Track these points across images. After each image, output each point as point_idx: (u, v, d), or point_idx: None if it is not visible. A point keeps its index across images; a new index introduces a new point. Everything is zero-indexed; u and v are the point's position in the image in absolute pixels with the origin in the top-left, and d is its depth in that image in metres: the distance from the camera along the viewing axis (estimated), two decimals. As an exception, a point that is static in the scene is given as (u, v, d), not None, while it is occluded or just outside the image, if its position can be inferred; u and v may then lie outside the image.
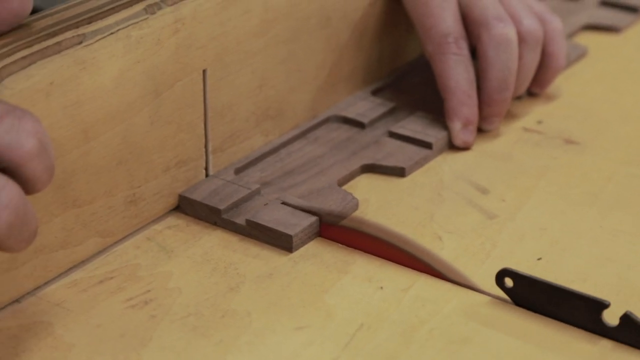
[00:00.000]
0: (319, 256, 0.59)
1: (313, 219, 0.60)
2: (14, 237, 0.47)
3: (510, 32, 0.69)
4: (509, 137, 0.71)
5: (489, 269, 0.57)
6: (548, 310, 0.54)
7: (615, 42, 0.82)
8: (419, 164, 0.67)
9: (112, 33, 0.55)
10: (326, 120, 0.71)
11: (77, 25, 0.54)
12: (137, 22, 0.56)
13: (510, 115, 0.72)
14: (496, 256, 0.59)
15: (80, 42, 0.54)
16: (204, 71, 0.61)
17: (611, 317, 0.53)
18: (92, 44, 0.54)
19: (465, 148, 0.69)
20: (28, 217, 0.47)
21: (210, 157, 0.64)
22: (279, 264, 0.58)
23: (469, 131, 0.69)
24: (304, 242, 0.60)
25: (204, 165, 0.63)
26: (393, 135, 0.70)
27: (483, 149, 0.69)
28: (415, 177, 0.66)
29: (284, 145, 0.68)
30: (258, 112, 0.66)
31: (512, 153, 0.69)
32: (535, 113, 0.73)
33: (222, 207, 0.61)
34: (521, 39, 0.70)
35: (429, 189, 0.65)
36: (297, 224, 0.60)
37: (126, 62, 0.56)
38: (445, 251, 0.59)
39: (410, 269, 0.58)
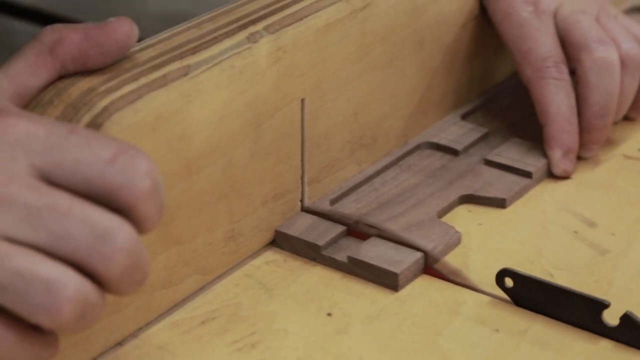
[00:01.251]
0: (426, 295, 0.57)
1: (418, 255, 0.58)
2: (127, 280, 0.44)
3: (613, 56, 0.67)
4: (610, 164, 0.68)
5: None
6: (548, 310, 0.54)
7: None
8: (519, 194, 0.65)
9: (216, 64, 0.53)
10: (418, 147, 0.68)
11: (181, 56, 0.52)
12: (240, 52, 0.54)
13: (609, 142, 0.69)
14: (613, 295, 0.56)
15: (186, 74, 0.51)
16: (302, 100, 0.59)
17: (611, 317, 0.52)
18: (197, 75, 0.52)
19: (565, 177, 0.67)
20: (141, 259, 0.45)
21: (306, 188, 0.61)
22: (386, 304, 0.55)
23: (569, 159, 0.67)
24: (409, 280, 0.57)
25: (299, 197, 0.61)
26: (490, 163, 0.67)
27: (584, 177, 0.67)
28: (516, 209, 0.63)
29: (377, 174, 0.65)
30: (353, 141, 0.64)
31: (615, 182, 0.66)
32: (635, 139, 0.70)
33: (321, 243, 0.58)
34: (621, 62, 0.68)
35: (533, 221, 0.62)
36: (402, 260, 0.57)
37: (230, 93, 0.54)
38: (557, 289, 0.57)
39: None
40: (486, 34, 0.73)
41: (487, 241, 0.61)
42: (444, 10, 0.68)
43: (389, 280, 0.57)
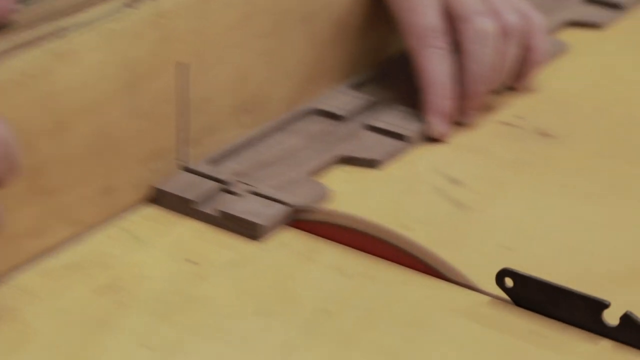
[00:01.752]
0: (289, 245, 0.60)
1: (282, 208, 0.61)
2: None
3: (490, 27, 0.70)
4: (487, 130, 0.71)
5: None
6: (548, 310, 0.55)
7: (597, 39, 0.83)
8: (394, 156, 0.68)
9: (91, 26, 0.56)
10: (304, 114, 0.72)
11: (56, 18, 0.55)
12: (117, 16, 0.58)
13: (489, 110, 0.73)
14: (464, 245, 0.60)
15: (59, 35, 0.55)
16: (183, 65, 0.63)
17: (611, 317, 0.53)
18: (71, 36, 0.56)
19: (441, 140, 0.70)
20: None
21: (187, 149, 0.65)
22: (249, 253, 0.59)
23: (445, 124, 0.71)
24: (273, 231, 0.61)
25: (180, 157, 0.65)
26: (370, 128, 0.71)
27: (460, 142, 0.70)
28: (390, 170, 0.67)
29: (261, 137, 0.69)
30: (236, 106, 0.68)
31: (489, 147, 0.70)
32: (514, 107, 0.74)
33: (195, 198, 0.62)
34: (502, 33, 0.72)
35: (403, 181, 0.66)
36: (265, 213, 0.61)
37: (105, 55, 0.58)
38: (416, 240, 0.60)
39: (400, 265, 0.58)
40: (379, 9, 0.76)
41: (356, 198, 0.65)
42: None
43: (252, 231, 0.60)
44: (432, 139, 0.70)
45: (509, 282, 0.56)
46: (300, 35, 0.70)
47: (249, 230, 0.60)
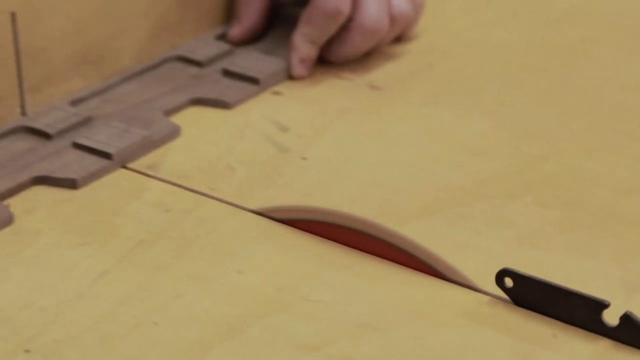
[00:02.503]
0: (117, 185, 0.64)
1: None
2: None
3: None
4: (321, 83, 0.76)
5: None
6: (548, 310, 0.55)
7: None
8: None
9: None
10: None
11: None
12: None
13: (328, 65, 0.77)
14: (281, 184, 0.64)
15: None
16: (13, 13, 0.66)
17: (611, 317, 0.54)
18: None
19: (298, 78, 0.75)
20: None
21: (26, 96, 0.68)
22: (79, 192, 0.63)
23: (307, 67, 0.75)
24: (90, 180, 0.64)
25: (19, 103, 0.68)
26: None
27: (293, 93, 0.75)
28: (225, 116, 0.71)
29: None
30: (76, 56, 0.71)
31: (319, 97, 0.74)
32: (351, 62, 0.78)
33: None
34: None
35: (235, 127, 0.70)
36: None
37: None
38: (235, 179, 0.64)
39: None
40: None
41: (188, 143, 0.68)
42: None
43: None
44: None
45: (508, 282, 0.56)
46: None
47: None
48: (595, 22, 0.82)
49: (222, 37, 0.80)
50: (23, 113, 0.68)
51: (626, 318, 0.53)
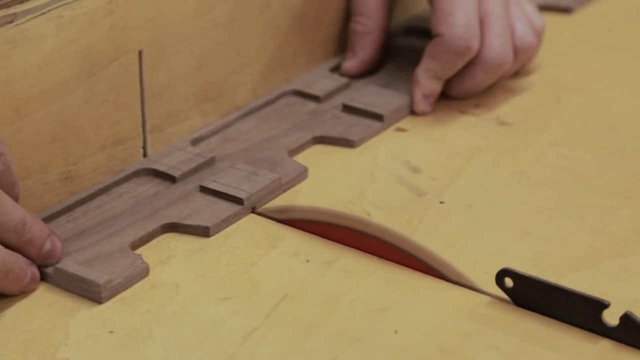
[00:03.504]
0: (250, 232, 0.61)
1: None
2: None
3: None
4: (445, 119, 0.73)
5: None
6: (548, 310, 0.55)
7: (564, 24, 0.84)
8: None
9: (43, 13, 0.57)
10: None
11: (7, 5, 0.55)
12: (69, 3, 0.58)
13: (448, 99, 0.74)
14: (422, 231, 0.61)
15: (11, 22, 0.55)
16: (140, 52, 0.63)
17: (611, 317, 0.53)
18: (22, 23, 0.56)
19: (421, 114, 0.72)
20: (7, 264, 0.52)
21: (148, 136, 0.65)
22: (211, 239, 0.60)
23: (430, 103, 0.72)
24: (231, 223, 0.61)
25: (141, 144, 0.65)
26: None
27: (418, 130, 0.71)
28: (350, 157, 0.68)
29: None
30: (197, 94, 0.68)
31: (446, 134, 0.71)
32: (473, 97, 0.75)
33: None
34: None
35: (364, 167, 0.67)
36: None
37: (59, 41, 0.58)
38: (373, 227, 0.61)
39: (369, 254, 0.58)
40: (337, -1, 0.77)
41: (317, 185, 0.65)
42: (290, -27, 0.73)
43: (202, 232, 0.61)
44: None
45: (508, 282, 0.55)
46: (258, 24, 0.71)
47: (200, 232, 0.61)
48: None
49: (335, 69, 0.78)
50: (145, 154, 0.66)
51: (626, 318, 0.53)
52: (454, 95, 0.74)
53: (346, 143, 0.69)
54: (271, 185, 0.63)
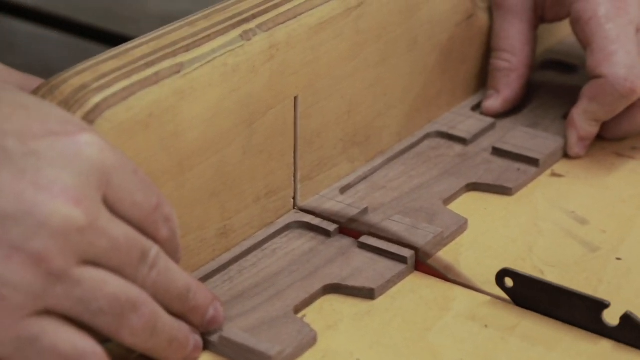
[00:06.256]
0: (417, 292, 0.57)
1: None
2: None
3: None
4: (602, 163, 0.68)
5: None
6: (548, 310, 0.54)
7: None
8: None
9: (209, 61, 0.53)
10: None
11: (174, 54, 0.52)
12: (233, 50, 0.54)
13: (602, 141, 0.70)
14: (604, 292, 0.57)
15: (179, 72, 0.52)
16: (296, 98, 0.59)
17: (611, 317, 0.52)
18: (190, 72, 0.52)
19: (575, 157, 0.68)
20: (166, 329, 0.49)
21: (299, 186, 0.62)
22: (377, 302, 0.56)
23: (584, 145, 0.68)
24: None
25: (292, 194, 0.61)
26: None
27: (576, 174, 0.67)
28: (507, 205, 0.64)
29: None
30: (346, 139, 0.64)
31: (607, 180, 0.67)
32: (629, 139, 0.70)
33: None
34: None
35: (525, 218, 0.63)
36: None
37: (223, 90, 0.54)
38: (548, 286, 0.57)
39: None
40: (480, 34, 0.73)
41: (478, 238, 0.61)
42: (438, 9, 0.68)
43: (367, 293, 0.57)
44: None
45: (509, 282, 0.55)
46: (406, 63, 0.67)
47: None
48: None
49: (477, 108, 0.74)
50: (295, 205, 0.62)
51: (626, 318, 0.52)
52: (610, 138, 0.70)
53: (502, 190, 0.65)
54: (434, 240, 0.60)
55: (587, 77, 0.69)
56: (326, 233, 0.60)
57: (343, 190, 0.64)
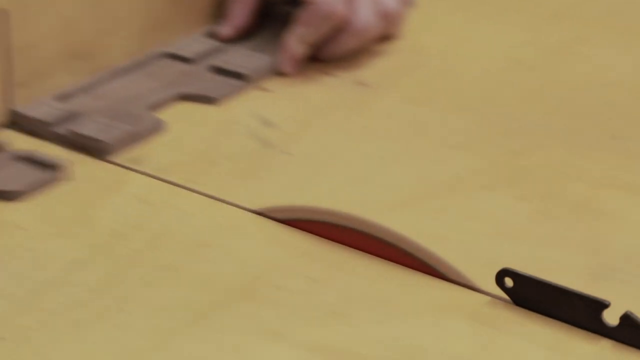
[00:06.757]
0: (100, 177, 0.64)
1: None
2: None
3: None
4: (309, 81, 0.76)
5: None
6: (548, 310, 0.55)
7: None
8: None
9: None
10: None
11: None
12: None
13: (316, 62, 0.77)
14: (263, 178, 0.65)
15: None
16: (4, 10, 0.67)
17: (611, 317, 0.53)
18: None
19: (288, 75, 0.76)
20: None
21: (15, 91, 0.69)
22: (60, 184, 0.63)
23: (295, 65, 0.76)
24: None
25: (8, 99, 0.69)
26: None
27: (281, 89, 0.75)
28: (213, 112, 0.72)
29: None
30: (66, 53, 0.72)
31: (307, 93, 0.75)
32: (340, 60, 0.78)
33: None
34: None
35: (219, 123, 0.71)
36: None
37: None
38: (218, 174, 0.65)
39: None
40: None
41: (173, 138, 0.68)
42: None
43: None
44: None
45: (508, 282, 0.56)
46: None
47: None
48: (585, 21, 0.82)
49: (212, 35, 0.81)
50: (9, 108, 0.69)
51: (626, 318, 0.53)
52: (323, 59, 0.78)
53: (208, 100, 0.73)
54: (125, 136, 0.67)
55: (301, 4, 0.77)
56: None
57: (61, 98, 0.72)
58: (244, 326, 0.52)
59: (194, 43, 0.79)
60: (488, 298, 0.56)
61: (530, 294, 0.55)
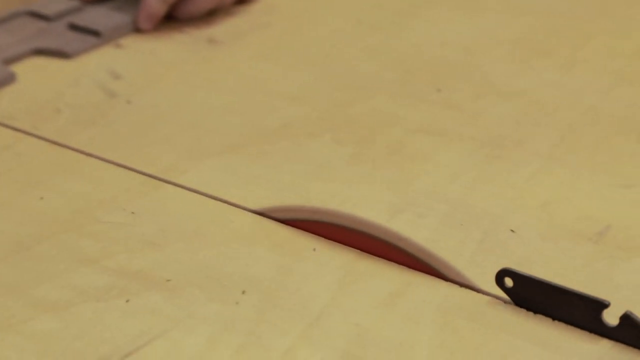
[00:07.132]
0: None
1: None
2: None
3: None
4: (164, 37, 0.79)
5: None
6: (548, 310, 0.55)
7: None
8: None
9: None
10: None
11: None
12: None
13: (175, 22, 0.81)
14: (101, 124, 0.68)
15: None
16: None
17: (611, 317, 0.54)
18: None
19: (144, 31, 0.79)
20: None
21: None
22: None
23: (152, 22, 0.79)
24: None
25: None
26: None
27: (136, 46, 0.78)
28: (64, 66, 0.75)
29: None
30: None
31: (159, 49, 0.78)
32: (196, 20, 0.82)
33: None
34: None
35: (70, 76, 0.73)
36: None
37: None
38: (59, 120, 0.67)
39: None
40: None
41: (22, 88, 0.71)
42: None
43: None
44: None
45: (508, 282, 0.56)
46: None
47: None
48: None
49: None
50: None
51: (626, 318, 0.53)
52: (179, 17, 0.81)
53: (62, 55, 0.76)
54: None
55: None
56: None
57: None
58: (61, 255, 0.55)
59: (55, 3, 0.82)
60: (488, 298, 0.56)
61: (530, 294, 0.55)
